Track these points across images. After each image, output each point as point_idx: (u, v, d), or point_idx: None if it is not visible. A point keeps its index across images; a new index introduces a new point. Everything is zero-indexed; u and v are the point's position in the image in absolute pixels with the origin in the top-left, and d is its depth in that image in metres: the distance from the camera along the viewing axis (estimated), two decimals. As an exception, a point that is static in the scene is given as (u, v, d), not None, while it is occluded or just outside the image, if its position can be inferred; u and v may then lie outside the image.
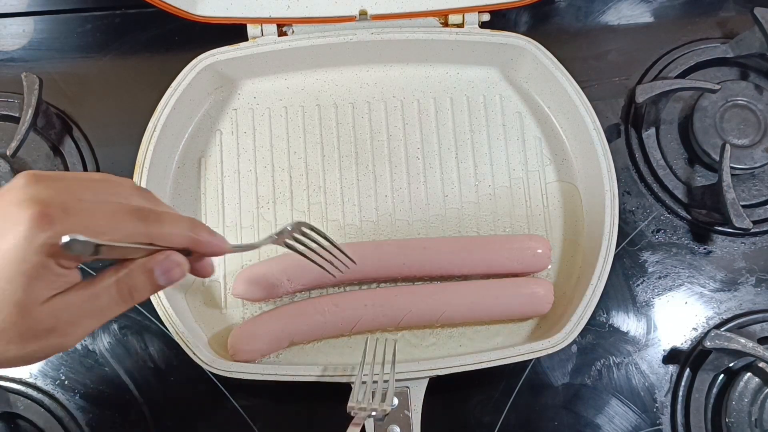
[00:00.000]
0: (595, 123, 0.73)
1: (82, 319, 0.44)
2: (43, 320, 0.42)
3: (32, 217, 0.40)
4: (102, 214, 0.43)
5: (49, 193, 0.41)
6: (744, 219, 0.72)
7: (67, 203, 0.41)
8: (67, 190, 0.42)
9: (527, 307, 0.69)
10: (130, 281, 0.45)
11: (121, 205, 0.44)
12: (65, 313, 0.43)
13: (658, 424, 0.72)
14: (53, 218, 0.40)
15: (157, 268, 0.45)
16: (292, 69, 0.78)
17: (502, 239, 0.71)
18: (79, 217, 0.41)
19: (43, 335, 0.42)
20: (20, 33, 0.83)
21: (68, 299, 0.43)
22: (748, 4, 0.82)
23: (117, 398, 0.72)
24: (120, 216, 0.43)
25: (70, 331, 0.43)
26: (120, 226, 0.43)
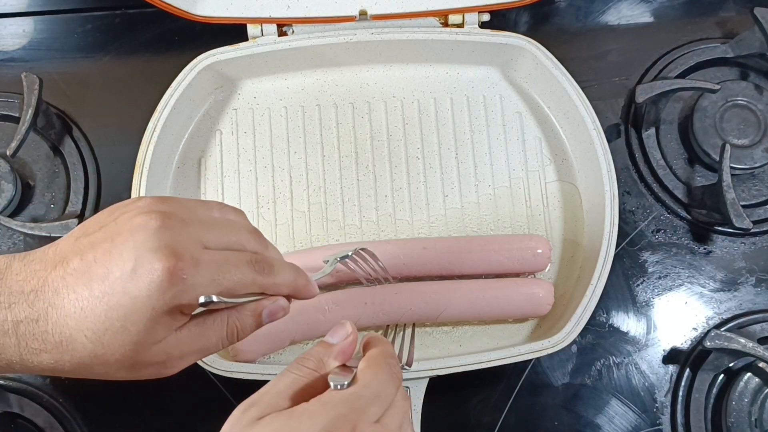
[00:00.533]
0: (595, 123, 0.73)
1: (189, 354, 0.47)
2: (155, 356, 0.45)
3: (166, 270, 0.42)
4: (226, 267, 0.45)
5: (180, 241, 0.43)
6: (744, 219, 0.72)
7: (196, 256, 0.43)
8: (195, 237, 0.45)
9: (527, 307, 0.69)
10: (239, 324, 0.48)
11: (242, 255, 0.47)
12: (176, 350, 0.46)
13: (658, 424, 0.72)
14: (186, 273, 0.42)
15: (265, 312, 0.49)
16: (292, 69, 0.78)
17: (502, 239, 0.71)
18: (208, 270, 0.44)
19: (151, 367, 0.46)
20: (20, 33, 0.83)
21: (180, 337, 0.46)
22: (748, 4, 0.82)
23: (117, 398, 0.72)
24: (241, 268, 0.46)
25: (175, 364, 0.47)
26: (241, 279, 0.46)
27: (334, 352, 0.48)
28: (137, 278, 0.42)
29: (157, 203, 0.45)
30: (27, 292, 0.43)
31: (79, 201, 0.76)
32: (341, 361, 0.48)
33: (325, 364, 0.47)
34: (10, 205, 0.74)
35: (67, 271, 0.43)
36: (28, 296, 0.43)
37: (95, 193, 0.77)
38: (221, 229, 0.47)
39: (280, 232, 0.74)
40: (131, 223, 0.44)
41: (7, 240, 0.75)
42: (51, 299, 0.43)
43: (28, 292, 0.43)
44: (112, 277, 0.42)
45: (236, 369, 0.64)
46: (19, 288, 0.43)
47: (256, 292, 0.48)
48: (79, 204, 0.76)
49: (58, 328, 0.42)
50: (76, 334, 0.42)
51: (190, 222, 0.45)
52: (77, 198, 0.76)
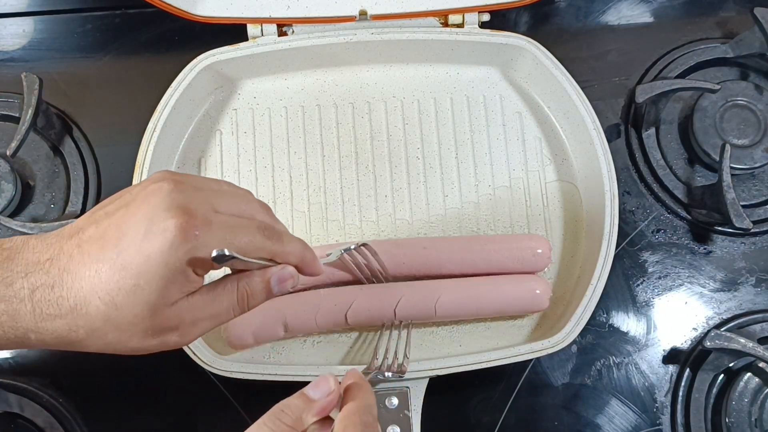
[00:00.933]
0: (595, 123, 0.73)
1: (201, 320, 0.47)
2: (168, 320, 0.45)
3: (179, 227, 0.42)
4: (238, 229, 0.46)
5: (193, 202, 0.44)
6: (744, 219, 0.72)
7: (208, 216, 0.45)
8: (207, 201, 0.46)
9: (526, 301, 0.69)
10: (249, 289, 0.49)
11: (251, 221, 0.48)
12: (188, 315, 0.46)
13: (658, 424, 0.72)
14: (198, 228, 0.43)
15: (274, 278, 0.49)
16: (292, 69, 0.78)
17: (502, 239, 0.71)
18: (220, 230, 0.45)
19: (165, 333, 0.46)
20: (20, 33, 0.83)
21: (193, 302, 0.46)
22: (748, 4, 0.82)
23: (117, 398, 0.72)
24: (251, 232, 0.47)
25: (188, 331, 0.47)
26: (251, 241, 0.46)
27: (314, 409, 0.47)
28: (151, 236, 0.42)
29: (170, 173, 0.47)
30: (43, 261, 0.44)
31: (79, 201, 0.76)
32: (320, 417, 0.48)
33: (304, 421, 0.47)
34: (10, 205, 0.74)
35: (82, 239, 0.44)
36: (44, 265, 0.43)
37: (95, 193, 0.77)
38: (233, 198, 0.49)
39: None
40: (146, 190, 0.45)
41: (7, 240, 0.75)
42: (66, 265, 0.43)
43: (44, 261, 0.44)
44: (127, 238, 0.43)
45: (236, 369, 0.64)
46: (35, 258, 0.44)
47: (266, 258, 0.48)
48: (79, 204, 0.76)
49: (73, 291, 0.43)
50: (90, 296, 0.43)
51: (202, 189, 0.47)
52: (77, 198, 0.76)
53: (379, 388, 0.65)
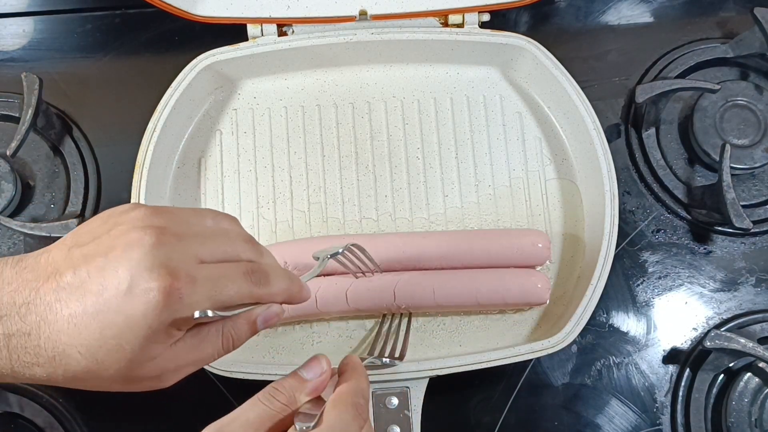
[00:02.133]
0: (595, 123, 0.73)
1: (185, 367, 0.47)
2: (150, 372, 0.44)
3: (162, 290, 0.41)
4: (223, 280, 0.45)
5: (175, 258, 0.43)
6: (744, 219, 0.72)
7: (193, 273, 0.43)
8: (190, 252, 0.44)
9: (526, 293, 0.69)
10: (234, 333, 0.48)
11: (238, 267, 0.47)
12: (171, 364, 0.45)
13: (658, 424, 0.72)
14: (182, 293, 0.42)
15: (259, 319, 0.48)
16: (292, 69, 0.78)
17: (502, 233, 0.72)
18: (204, 287, 0.44)
19: (146, 381, 0.45)
20: (20, 33, 0.83)
21: (176, 351, 0.45)
22: (748, 4, 0.82)
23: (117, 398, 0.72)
24: (237, 282, 0.46)
25: (171, 377, 0.46)
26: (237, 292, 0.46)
27: (306, 389, 0.48)
28: (133, 297, 0.41)
29: (151, 216, 0.45)
30: (19, 304, 0.42)
31: (79, 201, 0.76)
32: (313, 396, 0.48)
33: (297, 400, 0.47)
34: (10, 205, 0.74)
35: (60, 285, 0.42)
36: (20, 309, 0.42)
37: (95, 193, 0.77)
38: (216, 241, 0.47)
39: (280, 232, 0.74)
40: (126, 238, 0.43)
41: (7, 240, 0.75)
42: (43, 313, 0.42)
43: (20, 305, 0.42)
44: (107, 294, 0.41)
45: (236, 369, 0.65)
46: (11, 299, 0.42)
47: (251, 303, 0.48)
48: (79, 204, 0.76)
49: (51, 343, 0.42)
50: (70, 349, 0.42)
51: (184, 236, 0.45)
52: (77, 198, 0.76)
53: (379, 388, 0.65)
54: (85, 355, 0.42)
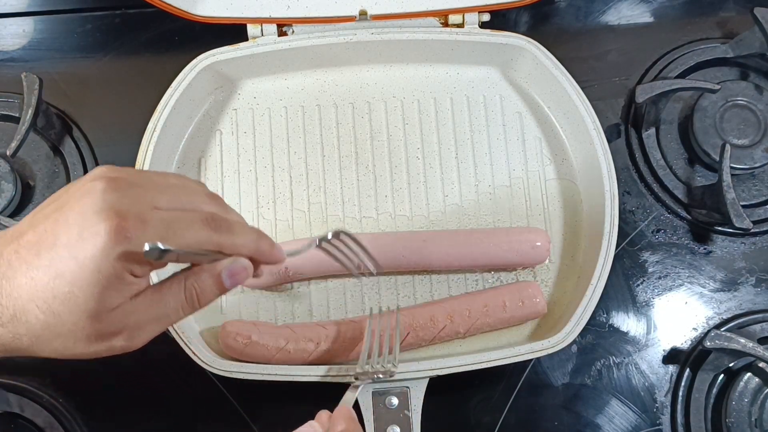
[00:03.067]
0: (595, 123, 0.73)
1: (148, 323, 0.46)
2: (111, 325, 0.44)
3: (110, 230, 0.41)
4: (178, 224, 0.44)
5: (126, 202, 0.43)
6: (744, 219, 0.72)
7: (143, 214, 0.43)
8: (144, 198, 0.44)
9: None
10: (197, 285, 0.47)
11: (194, 214, 0.46)
12: (132, 318, 0.45)
13: (658, 424, 0.72)
14: (130, 231, 0.42)
15: (224, 272, 0.47)
16: (292, 69, 0.78)
17: (502, 231, 0.72)
18: (156, 228, 0.43)
19: (110, 338, 0.44)
20: (20, 33, 0.83)
21: (136, 305, 0.45)
22: (748, 4, 0.82)
23: (117, 398, 0.72)
24: (194, 225, 0.45)
25: (135, 335, 0.45)
26: (193, 236, 0.45)
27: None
28: (82, 242, 0.41)
29: (108, 170, 0.45)
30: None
31: (79, 201, 0.76)
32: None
33: None
34: (10, 205, 0.74)
35: (20, 244, 0.43)
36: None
37: (95, 193, 0.77)
38: (174, 191, 0.46)
39: (280, 232, 0.74)
40: (80, 190, 0.43)
41: (7, 240, 0.75)
42: (4, 272, 0.42)
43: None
44: (60, 243, 0.42)
45: (236, 369, 0.64)
46: None
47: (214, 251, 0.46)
48: (79, 204, 0.76)
49: (12, 300, 0.42)
50: (28, 305, 0.42)
51: (140, 185, 0.45)
52: (77, 198, 0.76)
53: (379, 387, 0.65)
54: (42, 309, 0.42)
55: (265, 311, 0.71)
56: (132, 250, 0.42)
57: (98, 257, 0.41)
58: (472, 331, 0.69)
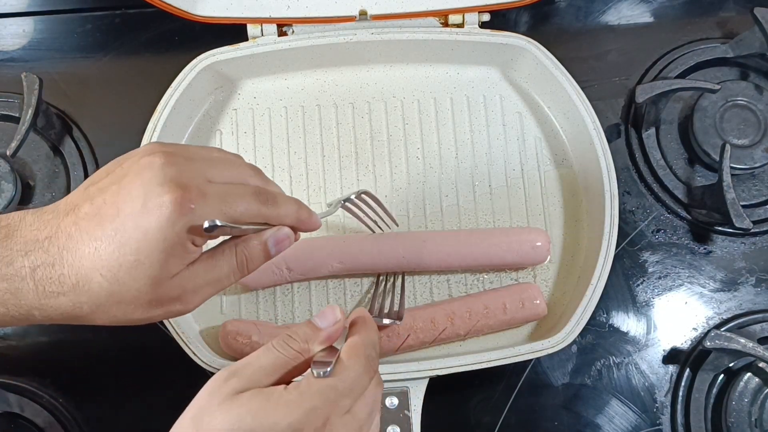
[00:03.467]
0: (595, 123, 0.73)
1: (202, 287, 0.48)
2: (170, 291, 0.46)
3: (175, 201, 0.43)
4: (232, 197, 0.47)
5: (186, 175, 0.45)
6: (744, 219, 0.72)
7: (202, 187, 0.45)
8: (200, 172, 0.46)
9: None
10: (247, 251, 0.50)
11: (245, 188, 0.49)
12: (190, 283, 0.47)
13: (658, 424, 0.72)
14: (193, 202, 0.44)
15: (270, 240, 0.50)
16: (292, 69, 0.78)
17: (501, 232, 0.72)
18: (215, 200, 0.46)
19: (168, 303, 0.47)
20: (20, 33, 0.83)
21: (193, 271, 0.47)
22: (748, 4, 0.82)
23: (117, 398, 0.72)
24: (246, 199, 0.48)
25: (191, 299, 0.48)
26: (246, 209, 0.47)
27: (320, 337, 0.49)
28: (147, 212, 0.43)
29: (160, 145, 0.47)
30: (41, 239, 0.44)
31: (79, 201, 0.76)
32: (326, 345, 0.49)
33: (310, 348, 0.48)
34: (11, 206, 0.74)
35: (79, 216, 0.44)
36: (43, 243, 0.44)
37: (95, 193, 0.77)
38: (224, 165, 0.49)
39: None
40: (137, 164, 0.45)
41: (7, 240, 0.75)
42: (65, 243, 0.44)
43: (42, 240, 0.44)
44: (123, 214, 0.43)
45: (236, 369, 0.64)
46: (34, 237, 0.44)
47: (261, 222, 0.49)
48: (79, 204, 0.76)
49: (74, 269, 0.44)
50: (92, 273, 0.44)
51: (193, 159, 0.47)
52: (77, 198, 0.76)
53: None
54: (107, 277, 0.44)
55: (265, 311, 0.71)
56: (195, 221, 0.44)
57: (164, 227, 0.43)
58: (472, 333, 0.69)
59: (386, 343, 0.67)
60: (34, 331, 0.73)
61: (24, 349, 0.73)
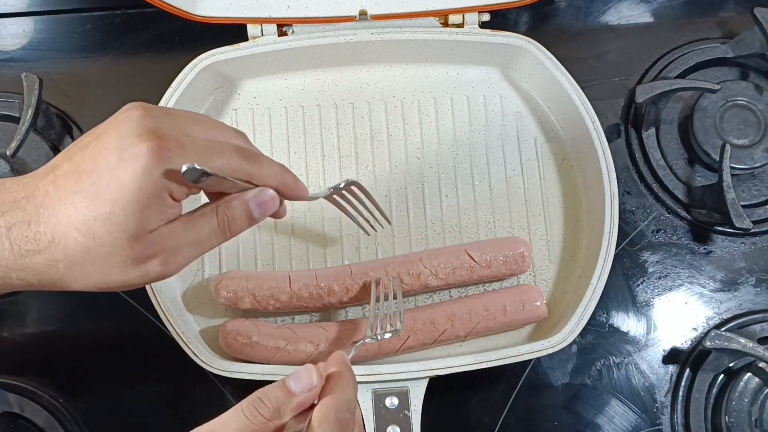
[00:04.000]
0: (595, 123, 0.73)
1: (183, 247, 0.47)
2: (148, 247, 0.45)
3: (151, 149, 0.42)
4: (213, 150, 0.46)
5: (164, 126, 0.44)
6: (744, 219, 0.72)
7: (180, 139, 0.44)
8: (179, 126, 0.45)
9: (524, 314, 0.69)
10: (229, 212, 0.49)
11: (227, 144, 0.48)
12: (169, 241, 0.46)
13: (658, 424, 0.72)
14: (170, 151, 0.43)
15: (252, 201, 0.49)
16: (292, 69, 0.78)
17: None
18: (194, 152, 0.44)
19: (145, 261, 0.45)
20: (20, 33, 0.83)
21: (172, 228, 0.46)
22: (748, 4, 0.82)
23: (117, 398, 0.72)
24: (227, 153, 0.47)
25: (170, 260, 0.46)
26: (227, 163, 0.46)
27: (292, 404, 0.46)
28: (123, 162, 0.42)
29: (140, 103, 0.46)
30: (19, 199, 0.44)
31: (79, 201, 0.76)
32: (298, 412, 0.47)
33: (281, 413, 0.46)
34: (10, 205, 0.74)
35: (57, 174, 0.44)
36: (20, 203, 0.43)
37: (95, 193, 0.77)
38: (206, 123, 0.48)
39: (279, 232, 0.74)
40: (116, 119, 0.45)
41: (7, 240, 0.75)
42: (41, 201, 0.43)
43: (19, 200, 0.44)
44: (100, 167, 0.43)
45: (236, 369, 0.65)
46: (11, 198, 0.44)
47: (244, 180, 0.48)
48: (79, 204, 0.76)
49: (50, 226, 0.43)
50: (67, 229, 0.43)
51: (173, 114, 0.46)
52: (77, 198, 0.76)
53: (379, 388, 0.65)
54: (82, 231, 0.43)
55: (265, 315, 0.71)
56: (172, 169, 0.43)
57: (140, 176, 0.42)
58: (472, 334, 0.69)
59: (387, 345, 0.67)
60: (34, 330, 0.73)
61: (24, 349, 0.73)
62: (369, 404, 0.64)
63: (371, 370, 0.65)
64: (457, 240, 0.74)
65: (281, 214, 0.55)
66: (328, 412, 0.46)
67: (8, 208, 0.43)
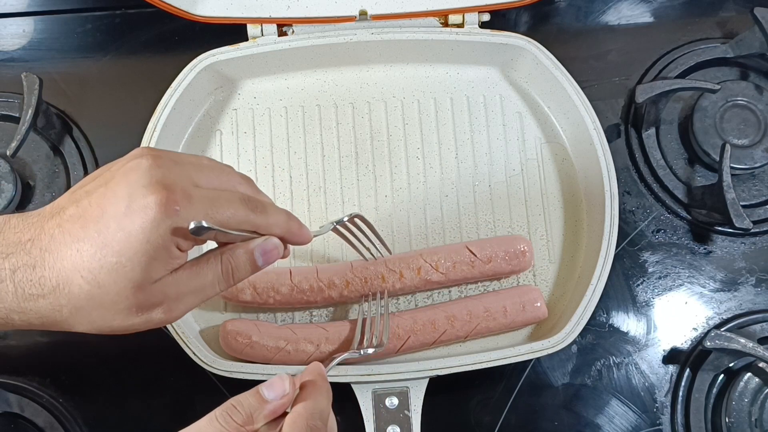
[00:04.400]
0: (595, 123, 0.73)
1: (186, 295, 0.47)
2: (152, 296, 0.45)
3: (159, 203, 0.42)
4: (220, 202, 0.46)
5: (172, 178, 0.44)
6: (744, 219, 0.72)
7: (188, 190, 0.44)
8: (187, 176, 0.45)
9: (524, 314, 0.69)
10: (233, 261, 0.48)
11: (233, 194, 0.47)
12: (172, 290, 0.46)
13: (658, 424, 0.72)
14: (178, 204, 0.43)
15: (257, 250, 0.49)
16: (292, 69, 0.78)
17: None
18: (201, 204, 0.44)
19: (149, 309, 0.45)
20: (20, 33, 0.83)
21: (177, 277, 0.46)
22: (748, 4, 0.82)
23: (117, 398, 0.72)
24: (233, 204, 0.47)
25: (173, 308, 0.46)
26: (233, 214, 0.46)
27: (265, 410, 0.47)
28: (131, 213, 0.42)
29: (149, 149, 0.47)
30: (24, 241, 0.43)
31: (79, 201, 0.76)
32: (271, 419, 0.48)
33: (254, 420, 0.47)
34: (11, 205, 0.74)
35: (63, 219, 0.44)
36: (25, 245, 0.43)
37: (95, 193, 0.77)
38: (213, 171, 0.48)
39: (280, 232, 0.74)
40: (125, 167, 0.45)
41: (7, 240, 0.75)
42: (47, 245, 0.43)
43: (25, 242, 0.43)
44: (107, 216, 0.42)
45: (236, 369, 0.65)
46: (16, 239, 0.44)
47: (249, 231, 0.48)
48: (79, 204, 0.76)
49: (55, 271, 0.43)
50: (73, 275, 0.43)
51: (181, 163, 0.46)
52: (77, 198, 0.76)
53: (379, 388, 0.65)
54: (87, 279, 0.43)
55: (265, 311, 0.71)
56: (179, 224, 0.43)
57: (148, 228, 0.42)
58: (472, 335, 0.69)
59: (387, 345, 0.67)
60: (34, 331, 0.73)
61: (24, 349, 0.73)
62: (369, 404, 0.64)
63: (371, 370, 0.65)
64: (457, 240, 0.74)
65: (285, 256, 0.54)
66: (299, 420, 0.47)
67: (13, 250, 0.43)
